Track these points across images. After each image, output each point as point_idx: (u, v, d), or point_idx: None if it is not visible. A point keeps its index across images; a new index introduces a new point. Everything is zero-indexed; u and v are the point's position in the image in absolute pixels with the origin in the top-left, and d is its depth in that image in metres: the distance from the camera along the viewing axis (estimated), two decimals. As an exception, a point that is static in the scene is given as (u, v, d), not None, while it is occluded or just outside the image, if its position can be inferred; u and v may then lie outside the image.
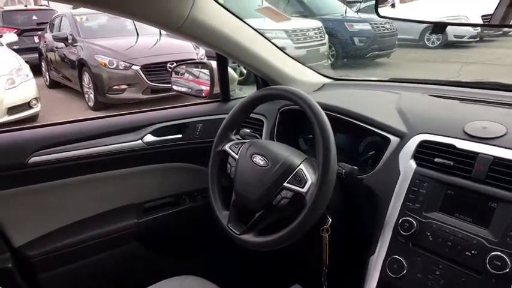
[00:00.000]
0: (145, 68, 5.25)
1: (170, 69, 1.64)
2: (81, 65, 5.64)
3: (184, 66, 1.62)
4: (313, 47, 7.16)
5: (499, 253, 0.76)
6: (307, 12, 8.51)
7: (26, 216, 1.12)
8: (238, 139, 1.09)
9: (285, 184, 0.92)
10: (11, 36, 5.90)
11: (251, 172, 0.98)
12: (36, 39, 7.62)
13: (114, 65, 5.26)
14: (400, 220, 0.90)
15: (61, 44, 6.17)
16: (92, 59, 5.38)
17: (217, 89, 1.46)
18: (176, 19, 1.00)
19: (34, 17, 8.23)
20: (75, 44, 5.85)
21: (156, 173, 1.32)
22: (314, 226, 1.00)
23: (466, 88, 1.25)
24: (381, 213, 0.95)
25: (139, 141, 1.25)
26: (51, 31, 6.67)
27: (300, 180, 0.91)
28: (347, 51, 7.87)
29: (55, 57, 6.50)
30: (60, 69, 6.46)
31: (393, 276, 0.88)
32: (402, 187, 0.94)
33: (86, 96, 5.66)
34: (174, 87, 1.64)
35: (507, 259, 0.74)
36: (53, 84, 6.88)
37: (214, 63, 1.45)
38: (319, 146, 0.88)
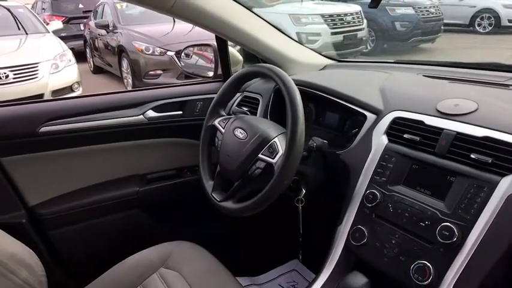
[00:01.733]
0: (180, 53, 5.39)
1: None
2: (120, 51, 5.90)
3: (192, 48, 1.70)
4: (350, 32, 7.02)
5: (448, 224, 0.78)
6: (347, -4, 8.33)
7: (39, 180, 1.26)
8: (229, 115, 1.17)
9: (259, 155, 0.99)
10: (57, 24, 6.25)
11: (232, 144, 1.05)
12: (82, 27, 8.03)
13: (150, 51, 5.46)
14: (367, 192, 0.94)
15: (103, 31, 6.47)
16: (130, 45, 5.61)
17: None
18: (167, 1, 1.07)
19: (80, 5, 8.65)
20: (116, 31, 6.12)
21: (157, 147, 1.43)
22: (290, 197, 1.07)
23: (467, 69, 1.25)
24: (352, 186, 0.99)
25: (141, 116, 1.36)
26: (95, 18, 7.00)
27: (272, 152, 0.98)
28: (388, 37, 7.62)
29: (98, 43, 6.83)
30: (102, 56, 6.79)
31: (355, 244, 0.93)
32: (372, 161, 0.98)
33: (125, 81, 5.93)
34: (184, 68, 1.74)
35: (455, 229, 0.77)
36: (97, 70, 7.24)
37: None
38: (288, 120, 0.94)
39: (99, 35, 6.70)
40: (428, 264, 0.79)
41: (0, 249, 0.89)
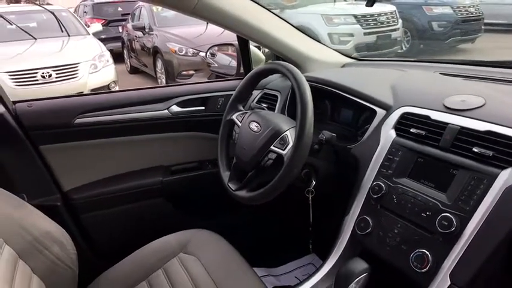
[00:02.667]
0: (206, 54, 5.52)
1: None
2: (155, 52, 6.12)
3: (216, 48, 1.79)
4: (384, 33, 6.92)
5: (448, 214, 0.81)
6: (382, -4, 8.20)
7: (73, 167, 1.38)
8: (247, 110, 1.23)
9: (271, 147, 1.04)
10: (96, 26, 6.57)
11: (247, 137, 1.11)
12: (120, 29, 8.36)
13: (184, 52, 5.63)
14: (373, 184, 0.98)
15: (139, 33, 6.73)
16: (164, 46, 5.81)
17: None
18: (189, 2, 1.15)
19: (120, 9, 9.01)
20: (151, 33, 6.35)
21: (181, 140, 1.52)
22: (302, 188, 1.12)
23: (487, 67, 1.25)
24: (360, 179, 1.03)
25: (166, 110, 1.45)
26: (132, 21, 7.29)
27: (283, 144, 1.03)
28: (424, 37, 7.43)
29: (135, 45, 7.10)
30: (138, 57, 7.05)
31: (360, 233, 0.97)
32: (380, 155, 1.01)
33: (159, 81, 6.14)
34: (209, 66, 1.82)
35: (454, 220, 0.80)
36: (133, 70, 7.53)
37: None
38: (297, 113, 0.99)
39: (135, 36, 6.96)
40: (427, 253, 0.82)
41: (36, 227, 1.00)
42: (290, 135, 1.04)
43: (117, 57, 6.77)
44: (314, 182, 1.09)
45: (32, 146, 1.29)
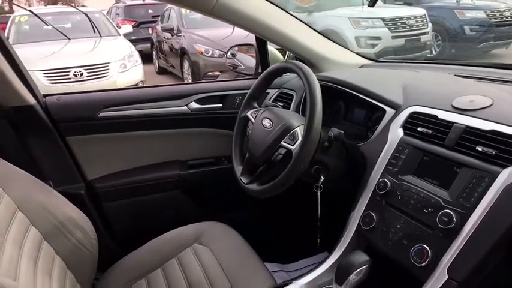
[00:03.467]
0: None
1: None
2: (182, 53, 6.26)
3: (236, 48, 1.84)
4: (413, 36, 6.81)
5: (448, 211, 0.83)
6: (412, 0, 8.07)
7: (97, 158, 1.47)
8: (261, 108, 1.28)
9: (282, 143, 1.08)
10: (127, 27, 6.79)
11: (259, 133, 1.16)
12: (150, 31, 8.59)
13: (210, 53, 5.73)
14: (379, 181, 1.00)
15: (168, 35, 6.90)
16: (191, 48, 5.94)
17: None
18: (207, 3, 1.21)
19: (150, 11, 9.25)
20: (179, 34, 6.49)
21: (199, 136, 1.58)
22: (311, 184, 1.15)
23: (504, 70, 1.25)
24: (367, 176, 1.06)
25: (185, 107, 1.52)
26: (161, 23, 7.48)
27: (293, 139, 1.07)
28: (456, 41, 7.27)
29: (163, 46, 7.29)
30: (166, 57, 7.23)
31: (364, 228, 0.99)
32: (387, 153, 1.03)
33: (185, 81, 6.27)
34: (229, 66, 1.87)
35: (454, 216, 0.81)
36: (161, 71, 7.71)
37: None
38: (306, 110, 1.02)
39: (164, 38, 7.14)
40: (427, 248, 0.83)
41: (60, 211, 1.08)
42: (300, 131, 1.07)
43: (146, 58, 6.97)
44: (322, 178, 1.11)
45: (60, 137, 1.38)
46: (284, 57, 1.76)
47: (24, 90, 1.29)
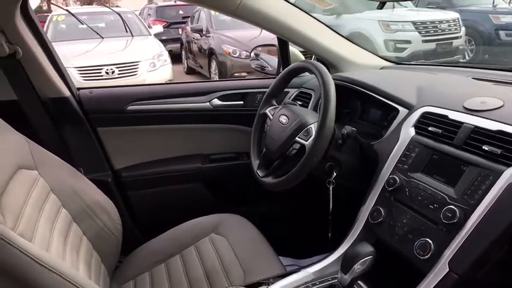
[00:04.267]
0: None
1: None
2: (210, 54, 6.38)
3: (259, 48, 1.90)
4: (444, 41, 6.68)
5: (453, 207, 0.86)
6: (445, 4, 7.91)
7: (124, 149, 1.56)
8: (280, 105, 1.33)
9: (296, 138, 1.13)
10: (157, 28, 7.01)
11: (276, 129, 1.21)
12: (180, 31, 8.79)
13: (237, 54, 5.83)
14: (389, 177, 1.04)
15: (197, 35, 7.05)
16: (219, 48, 6.05)
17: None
18: (231, 4, 1.28)
19: (181, 12, 9.46)
20: (208, 35, 6.62)
21: (220, 132, 1.65)
22: (323, 181, 1.19)
23: None
24: (378, 173, 1.09)
25: (208, 103, 1.59)
26: (191, 23, 7.64)
27: (307, 135, 1.12)
28: (490, 46, 7.08)
29: (192, 46, 7.45)
30: (195, 58, 7.38)
31: (372, 222, 1.03)
32: (398, 151, 1.07)
33: (211, 80, 6.41)
34: (252, 65, 1.94)
35: (457, 212, 0.84)
36: (189, 71, 7.88)
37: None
38: (320, 107, 1.07)
39: (193, 38, 7.29)
40: (430, 241, 0.87)
41: (89, 196, 1.17)
42: (314, 128, 1.12)
43: (176, 58, 7.14)
44: (335, 174, 1.16)
45: (91, 128, 1.48)
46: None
47: (61, 83, 1.40)
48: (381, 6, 1.20)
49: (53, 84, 1.37)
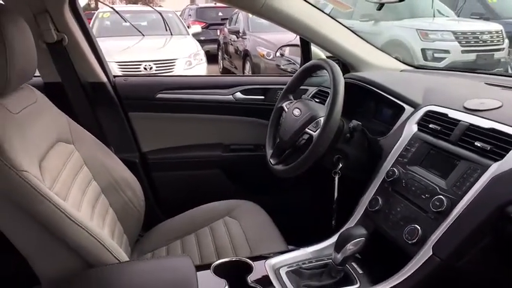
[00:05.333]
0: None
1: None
2: (245, 55, 6.53)
3: (284, 48, 1.99)
4: (485, 52, 6.52)
5: (441, 196, 0.92)
6: (490, 15, 7.68)
7: (151, 133, 1.70)
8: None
9: (306, 129, 1.22)
10: (196, 28, 7.24)
11: (289, 120, 1.30)
12: (218, 32, 9.02)
13: (271, 56, 5.91)
14: (389, 169, 1.11)
15: (234, 37, 7.23)
16: (254, 50, 6.18)
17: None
18: (257, 4, 1.38)
19: (220, 13, 9.69)
20: (244, 37, 6.78)
21: (241, 124, 1.76)
22: (329, 170, 1.27)
23: None
24: (380, 165, 1.16)
25: (231, 96, 1.71)
26: (229, 25, 7.84)
27: (316, 127, 1.20)
28: (537, 60, 6.83)
29: (228, 48, 7.64)
30: (230, 59, 7.57)
31: (370, 210, 1.10)
32: (400, 145, 1.13)
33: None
34: (277, 64, 2.04)
35: (445, 201, 0.90)
36: (224, 71, 8.04)
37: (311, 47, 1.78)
38: (328, 100, 1.15)
39: (230, 40, 7.48)
40: (418, 227, 0.93)
41: (117, 172, 1.30)
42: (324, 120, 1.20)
43: (212, 58, 7.33)
44: (341, 165, 1.23)
45: (123, 112, 1.63)
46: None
47: (100, 70, 1.56)
48: (380, 7, 1.27)
49: (93, 70, 1.53)
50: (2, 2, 1.30)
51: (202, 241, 1.33)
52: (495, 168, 0.86)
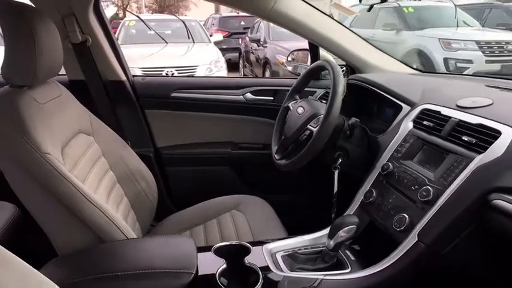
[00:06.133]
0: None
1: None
2: (265, 63, 6.65)
3: (295, 53, 2.07)
4: (510, 63, 6.41)
5: (428, 187, 0.97)
6: (519, 27, 7.57)
7: (166, 130, 1.81)
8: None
9: (308, 126, 1.29)
10: (217, 36, 7.40)
11: (293, 118, 1.38)
12: (240, 41, 9.19)
13: (290, 64, 6.02)
14: (384, 164, 1.16)
15: (255, 45, 7.36)
16: (274, 58, 6.28)
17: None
18: (264, 8, 1.47)
19: (242, 23, 9.87)
20: (265, 45, 6.90)
21: (251, 123, 1.84)
22: (330, 166, 1.34)
23: None
24: (377, 160, 1.22)
25: (241, 96, 1.80)
26: (251, 34, 7.99)
27: (316, 123, 1.27)
28: None
29: (249, 56, 7.78)
30: (251, 67, 7.70)
31: (365, 201, 1.16)
32: (396, 141, 1.19)
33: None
34: (288, 68, 2.12)
35: (431, 191, 0.96)
36: (245, 79, 8.23)
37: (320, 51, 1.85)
38: (328, 99, 1.22)
39: (251, 48, 7.62)
40: (406, 216, 0.99)
41: (133, 165, 1.40)
42: None
43: (234, 66, 7.46)
44: (340, 160, 1.29)
45: (140, 109, 1.74)
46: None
47: (119, 69, 1.68)
48: (369, 9, 1.33)
49: (114, 69, 1.66)
50: (33, 5, 1.44)
51: (209, 232, 1.42)
52: (478, 160, 0.91)
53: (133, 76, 1.78)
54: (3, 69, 1.00)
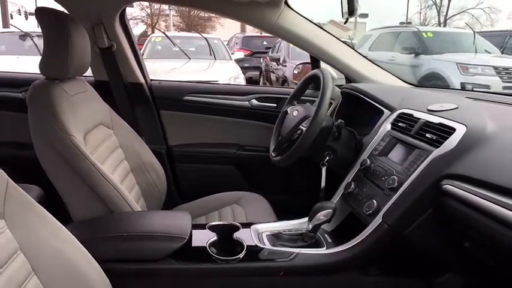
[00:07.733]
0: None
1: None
2: (283, 81, 6.86)
3: (301, 66, 2.26)
4: (530, 89, 6.41)
5: (394, 176, 1.11)
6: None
7: (177, 129, 2.00)
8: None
9: (300, 126, 1.45)
10: (239, 54, 7.70)
11: (288, 120, 1.54)
12: (262, 60, 9.48)
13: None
14: (363, 160, 1.31)
15: (274, 64, 7.62)
16: (291, 76, 6.50)
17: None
18: (268, 23, 1.66)
19: (264, 42, 10.19)
20: (284, 64, 7.15)
21: (255, 128, 2.01)
22: (317, 163, 1.49)
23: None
24: (359, 158, 1.37)
25: (247, 102, 1.98)
26: (271, 53, 8.26)
27: (307, 123, 1.43)
28: None
29: (269, 74, 8.04)
30: (270, 84, 7.94)
31: (345, 192, 1.30)
32: (375, 141, 1.34)
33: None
34: (295, 80, 2.29)
35: (396, 179, 1.10)
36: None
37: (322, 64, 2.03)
38: (317, 101, 1.38)
39: (271, 67, 7.88)
40: (375, 202, 1.12)
41: (145, 157, 1.59)
42: None
43: (255, 83, 7.69)
44: (327, 158, 1.44)
45: (156, 109, 1.94)
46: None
47: (139, 73, 1.89)
48: (345, 21, 1.50)
49: (134, 73, 1.87)
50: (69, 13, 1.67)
51: (210, 221, 1.57)
52: (435, 152, 1.05)
53: (151, 80, 1.99)
54: (41, 63, 1.22)
